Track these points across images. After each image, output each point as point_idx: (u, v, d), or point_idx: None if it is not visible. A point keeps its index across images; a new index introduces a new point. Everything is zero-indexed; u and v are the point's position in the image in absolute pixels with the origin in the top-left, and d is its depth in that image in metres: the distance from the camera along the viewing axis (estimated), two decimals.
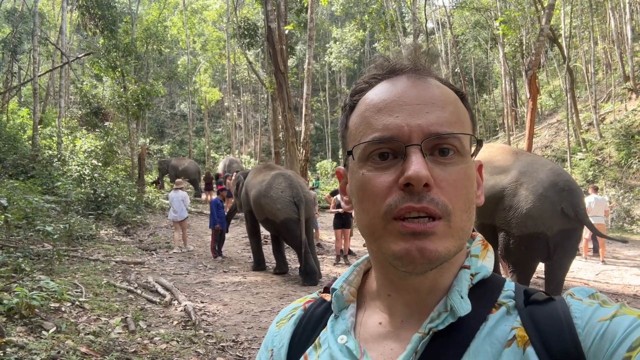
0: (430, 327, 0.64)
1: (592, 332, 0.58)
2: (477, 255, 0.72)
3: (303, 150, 12.58)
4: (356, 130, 0.70)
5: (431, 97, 0.66)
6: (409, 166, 0.61)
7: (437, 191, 0.62)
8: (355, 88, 0.74)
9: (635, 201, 18.09)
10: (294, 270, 9.35)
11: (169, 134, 42.60)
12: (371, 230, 0.66)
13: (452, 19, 31.90)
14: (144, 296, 6.61)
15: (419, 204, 0.61)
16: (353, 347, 0.69)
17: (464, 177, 0.65)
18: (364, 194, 0.66)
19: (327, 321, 0.76)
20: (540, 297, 0.66)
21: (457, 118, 0.67)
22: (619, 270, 9.77)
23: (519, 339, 0.61)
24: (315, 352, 0.73)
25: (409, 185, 0.61)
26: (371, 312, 0.74)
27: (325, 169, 30.91)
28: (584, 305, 0.62)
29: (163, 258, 9.78)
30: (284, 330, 0.81)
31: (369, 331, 0.72)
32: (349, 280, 0.78)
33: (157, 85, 21.54)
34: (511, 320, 0.64)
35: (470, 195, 0.67)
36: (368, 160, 0.66)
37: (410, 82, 0.68)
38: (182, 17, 33.86)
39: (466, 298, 0.65)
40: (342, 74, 42.81)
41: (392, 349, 0.68)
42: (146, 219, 13.78)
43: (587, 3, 26.30)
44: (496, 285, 0.70)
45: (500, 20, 17.57)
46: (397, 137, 0.64)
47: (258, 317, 6.35)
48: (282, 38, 12.81)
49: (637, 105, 22.71)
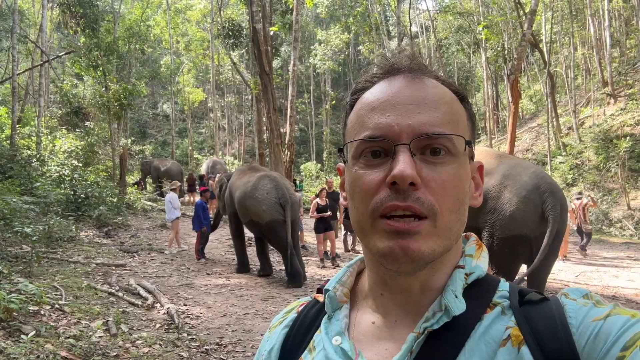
0: (425, 327, 0.64)
1: (586, 332, 0.59)
2: (471, 255, 0.72)
3: (288, 152, 12.54)
4: (352, 128, 0.71)
5: (424, 97, 0.67)
6: (395, 165, 0.62)
7: (424, 191, 0.63)
8: (356, 87, 0.75)
9: (613, 204, 18.47)
10: (278, 272, 9.30)
11: (151, 135, 42.08)
12: (360, 227, 0.67)
13: (435, 23, 32.21)
14: (126, 299, 6.50)
15: (404, 202, 0.62)
16: (348, 348, 0.68)
17: (453, 177, 0.65)
18: (355, 190, 0.67)
19: (320, 322, 0.76)
20: (535, 297, 0.66)
21: (451, 118, 0.67)
22: (598, 272, 9.94)
23: (513, 338, 0.62)
24: (310, 355, 0.73)
25: (395, 184, 0.62)
26: (364, 312, 0.74)
27: (310, 171, 30.87)
28: (578, 305, 0.63)
29: (145, 260, 9.64)
30: (274, 333, 0.81)
31: (362, 331, 0.72)
32: (342, 281, 0.77)
33: (140, 85, 21.31)
34: (506, 320, 0.64)
35: (460, 195, 0.66)
36: (360, 158, 0.67)
37: (406, 81, 0.69)
38: (165, 16, 33.50)
39: (461, 297, 0.66)
40: (326, 76, 42.84)
41: (386, 349, 0.68)
42: (127, 220, 13.60)
43: (567, 9, 26.80)
44: (491, 286, 0.70)
45: (483, 25, 17.80)
46: (387, 136, 0.65)
47: (242, 320, 6.29)
48: (268, 39, 12.77)
49: (615, 110, 23.21)
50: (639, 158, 19.60)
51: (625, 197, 18.05)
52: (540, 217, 6.06)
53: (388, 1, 27.04)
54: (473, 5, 30.93)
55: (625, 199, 18.01)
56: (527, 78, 33.47)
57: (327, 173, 30.77)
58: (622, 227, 16.98)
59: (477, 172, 0.74)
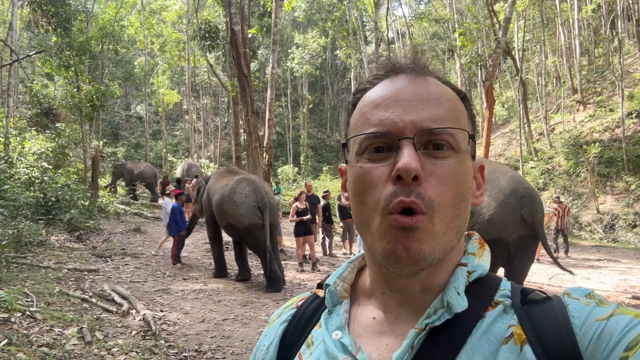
0: (426, 323, 0.64)
1: (590, 332, 0.59)
2: (474, 254, 0.72)
3: (266, 155, 12.45)
4: (355, 126, 0.71)
5: (427, 94, 0.68)
6: (399, 159, 0.63)
7: (425, 185, 0.63)
8: (358, 87, 0.76)
9: (583, 208, 18.98)
10: (256, 276, 9.21)
11: (123, 137, 41.27)
12: (365, 224, 0.67)
13: (411, 29, 32.60)
14: (100, 305, 6.33)
15: (409, 197, 0.62)
16: (348, 342, 0.68)
17: (454, 172, 0.65)
18: (360, 186, 0.67)
19: (319, 317, 0.76)
20: (538, 297, 0.66)
21: (453, 115, 0.68)
22: (571, 275, 10.15)
23: (516, 336, 0.62)
24: (308, 349, 0.73)
25: (401, 178, 0.62)
26: (365, 308, 0.74)
27: (287, 175, 30.76)
28: (581, 304, 0.63)
29: (119, 265, 9.41)
30: (273, 328, 0.81)
31: (363, 327, 0.72)
32: (342, 277, 0.77)
33: (113, 86, 20.89)
34: (508, 319, 0.64)
35: (461, 190, 0.66)
36: (364, 154, 0.67)
37: (409, 79, 0.70)
38: (140, 17, 32.96)
39: (463, 295, 0.65)
40: (304, 80, 42.86)
41: (387, 344, 0.67)
42: (100, 224, 13.28)
43: (538, 18, 27.49)
44: (492, 284, 0.70)
45: (459, 31, 18.10)
46: (390, 131, 0.65)
47: (221, 326, 6.19)
48: (246, 41, 12.67)
49: (585, 116, 23.90)
50: (607, 163, 20.21)
51: (594, 202, 18.58)
52: (519, 221, 6.16)
53: (365, 7, 27.24)
54: (448, 13, 31.44)
55: (594, 203, 18.53)
56: (499, 85, 34.18)
57: (304, 176, 30.72)
58: (592, 231, 17.47)
59: (478, 172, 0.74)
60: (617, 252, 13.52)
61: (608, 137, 21.74)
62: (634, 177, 19.08)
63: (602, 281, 9.43)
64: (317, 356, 0.71)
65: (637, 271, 10.39)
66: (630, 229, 16.82)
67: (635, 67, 22.77)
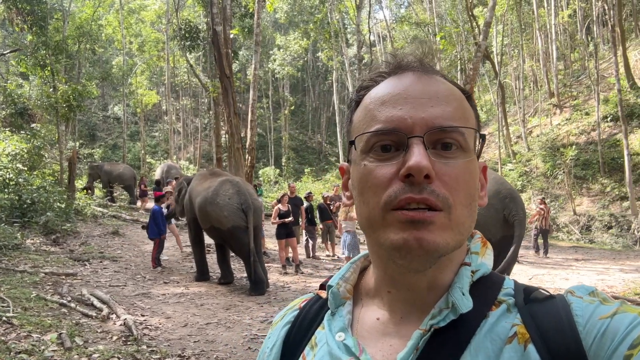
0: (431, 324, 0.64)
1: (593, 330, 0.58)
2: (477, 253, 0.72)
3: (249, 157, 12.34)
4: (360, 123, 0.70)
5: (436, 91, 0.67)
6: (410, 157, 0.62)
7: (438, 184, 0.62)
8: (362, 84, 0.75)
9: (560, 210, 19.34)
10: (239, 279, 9.10)
11: (101, 138, 40.52)
12: (370, 222, 0.66)
13: (392, 32, 32.84)
14: (79, 310, 6.17)
15: (419, 195, 0.61)
16: (351, 344, 0.68)
17: (465, 172, 0.65)
18: (365, 185, 0.66)
19: (322, 319, 0.76)
20: (541, 295, 0.66)
21: (462, 114, 0.67)
22: (550, 275, 10.34)
23: (519, 336, 0.61)
24: (312, 351, 0.72)
25: (410, 176, 0.61)
26: (368, 308, 0.73)
27: (268, 176, 30.61)
28: (584, 303, 0.62)
29: (97, 269, 9.20)
30: (276, 330, 0.81)
31: (366, 328, 0.71)
32: (345, 277, 0.77)
33: (90, 86, 20.49)
34: (512, 318, 0.64)
35: (472, 190, 0.66)
36: (370, 152, 0.66)
37: (416, 77, 0.69)
38: (118, 16, 32.43)
39: (467, 295, 0.65)
40: (285, 82, 42.73)
41: (391, 345, 0.67)
42: (77, 227, 12.97)
43: (517, 23, 27.99)
44: (496, 283, 0.70)
45: (440, 35, 18.29)
46: (399, 128, 0.64)
47: (204, 330, 6.09)
48: (228, 42, 12.55)
49: (561, 120, 24.40)
50: (583, 166, 20.65)
51: (571, 203, 18.95)
52: (501, 221, 6.23)
53: (347, 9, 27.34)
54: (428, 17, 31.77)
55: (571, 205, 18.90)
56: (478, 88, 34.68)
57: (286, 178, 30.61)
58: (569, 232, 17.81)
59: (481, 173, 0.73)
60: (594, 253, 13.82)
61: (584, 140, 22.23)
62: (610, 179, 19.53)
63: (581, 281, 9.59)
64: (320, 358, 0.70)
65: (613, 271, 10.62)
66: (606, 230, 17.19)
67: (610, 72, 23.31)
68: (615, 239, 16.29)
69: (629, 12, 27.57)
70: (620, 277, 9.84)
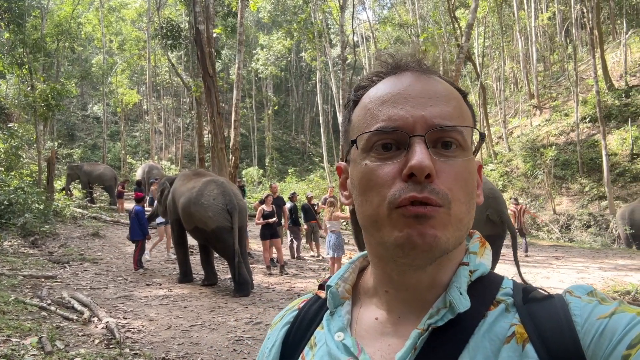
0: (429, 323, 0.64)
1: (591, 330, 0.59)
2: (475, 252, 0.72)
3: (232, 157, 12.24)
4: (360, 122, 0.70)
5: (435, 91, 0.68)
6: (412, 156, 0.62)
7: (438, 182, 0.63)
8: (359, 84, 0.75)
9: (540, 209, 19.65)
10: (223, 281, 9.02)
11: (80, 138, 39.81)
12: (373, 220, 0.66)
13: (376, 33, 33.00)
14: (59, 313, 6.04)
15: (421, 193, 0.62)
16: (350, 344, 0.68)
17: (464, 170, 0.66)
18: (367, 184, 0.67)
19: (321, 318, 0.76)
20: (539, 295, 0.66)
21: (460, 113, 0.68)
22: (531, 274, 10.46)
23: (518, 335, 0.62)
24: (311, 351, 0.73)
25: (413, 175, 0.62)
26: (367, 308, 0.74)
27: (252, 177, 30.45)
28: (582, 302, 0.62)
29: (77, 271, 9.04)
30: (275, 330, 0.81)
31: (365, 327, 0.72)
32: (344, 277, 0.77)
33: (69, 84, 20.17)
34: (510, 318, 0.64)
35: (470, 188, 0.67)
36: (371, 151, 0.67)
37: (415, 77, 0.69)
38: (98, 14, 31.92)
39: (465, 294, 0.65)
40: (268, 81, 42.57)
41: (389, 345, 0.68)
42: (56, 229, 12.75)
43: (497, 25, 28.36)
44: (494, 283, 0.70)
45: (424, 36, 18.44)
46: (401, 127, 0.65)
47: (188, 332, 6.01)
48: (211, 41, 12.43)
49: (541, 121, 24.81)
50: (563, 166, 21.03)
51: (551, 203, 19.28)
52: (484, 221, 6.28)
53: (330, 10, 27.36)
54: (411, 18, 31.99)
55: (551, 204, 19.23)
56: None
57: (270, 179, 30.50)
58: (549, 231, 18.10)
59: (477, 172, 0.74)
60: (574, 251, 14.05)
61: (563, 141, 22.64)
62: (588, 179, 19.92)
63: (561, 280, 9.74)
64: (320, 358, 0.71)
65: (593, 269, 10.81)
66: (585, 228, 17.53)
67: (588, 74, 23.80)
68: (594, 238, 16.62)
69: (607, 15, 28.18)
70: (600, 275, 10.01)
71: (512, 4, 29.10)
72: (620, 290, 7.74)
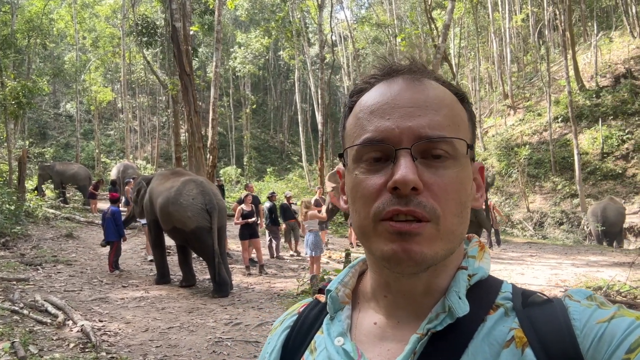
0: (428, 328, 0.64)
1: (591, 334, 0.59)
2: (474, 257, 0.72)
3: (210, 156, 12.12)
4: (351, 132, 0.71)
5: (425, 99, 0.66)
6: (397, 170, 0.62)
7: (426, 194, 0.62)
8: (355, 89, 0.75)
9: (514, 207, 20.04)
10: (202, 282, 8.93)
11: (52, 136, 38.88)
12: (362, 231, 0.67)
13: (354, 33, 33.11)
14: (32, 317, 5.90)
15: (406, 207, 0.62)
16: (350, 349, 0.68)
17: (455, 181, 0.65)
18: (356, 195, 0.67)
19: (321, 323, 0.76)
20: (539, 299, 0.66)
21: (452, 121, 0.67)
22: (507, 270, 10.65)
23: (517, 340, 0.62)
24: (311, 355, 0.73)
25: (397, 189, 0.62)
26: (367, 313, 0.74)
27: (230, 176, 30.21)
28: (582, 307, 0.63)
29: (51, 273, 8.82)
30: (275, 335, 0.81)
31: (364, 332, 0.71)
32: (344, 282, 0.77)
33: (41, 82, 19.68)
34: (509, 322, 0.64)
35: (463, 198, 0.66)
36: (361, 162, 0.67)
37: (406, 84, 0.68)
38: (70, 10, 31.18)
39: (464, 299, 0.65)
40: (246, 80, 42.27)
41: (389, 350, 0.67)
42: (28, 230, 12.41)
43: (473, 26, 28.78)
44: (493, 287, 0.70)
45: (402, 36, 18.59)
46: (387, 139, 0.64)
47: (166, 334, 5.93)
48: (188, 38, 12.28)
49: (515, 120, 25.28)
50: (536, 165, 21.49)
51: (525, 201, 19.68)
52: None
53: (308, 8, 27.34)
54: (388, 18, 32.21)
55: (525, 202, 19.62)
56: None
57: (248, 178, 30.31)
58: (523, 228, 18.47)
59: (478, 174, 0.74)
60: (547, 248, 14.38)
61: (537, 140, 23.13)
62: (560, 177, 20.40)
63: (536, 276, 9.94)
64: None
65: (566, 266, 11.07)
66: (558, 226, 17.95)
67: (560, 75, 24.35)
68: (567, 235, 17.03)
69: (578, 18, 28.89)
70: (572, 271, 10.26)
71: (487, 6, 29.60)
72: (593, 286, 7.94)
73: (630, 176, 19.24)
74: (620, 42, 25.70)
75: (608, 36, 27.05)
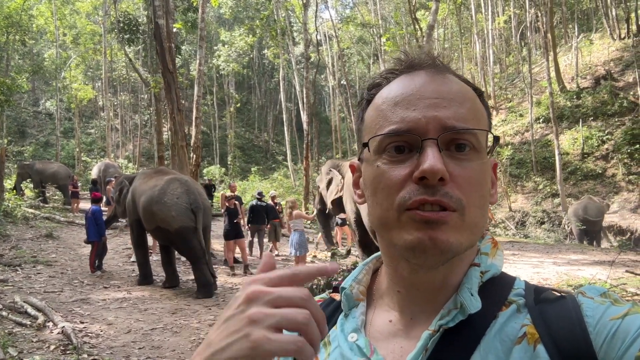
0: (440, 324, 0.64)
1: (604, 331, 0.58)
2: (487, 253, 0.72)
3: (194, 155, 12.00)
4: (372, 123, 0.70)
5: (449, 91, 0.67)
6: (424, 160, 0.62)
7: (452, 185, 0.63)
8: (373, 82, 0.75)
9: (497, 207, 20.26)
10: (185, 282, 8.84)
11: (31, 135, 38.12)
12: (383, 222, 0.67)
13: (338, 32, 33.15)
14: (12, 319, 5.79)
15: (433, 197, 0.62)
16: (363, 345, 0.69)
17: (479, 173, 0.66)
18: (378, 186, 0.67)
19: (336, 320, 0.76)
20: (551, 296, 0.66)
21: (474, 114, 0.68)
22: None
23: (529, 336, 0.62)
24: (325, 350, 0.73)
25: (424, 178, 0.62)
26: (381, 310, 0.74)
27: (213, 175, 29.98)
28: (595, 303, 0.62)
29: (30, 274, 8.65)
30: None
31: (378, 329, 0.72)
32: (358, 279, 0.77)
33: (20, 79, 19.31)
34: (521, 318, 0.64)
35: (485, 192, 0.67)
36: (384, 153, 0.67)
37: (429, 77, 0.68)
38: (50, 6, 30.62)
39: (476, 295, 0.66)
40: (230, 78, 41.96)
41: (402, 347, 0.68)
42: (6, 230, 12.14)
43: (456, 27, 29.05)
44: (506, 283, 0.70)
45: (387, 36, 18.66)
46: (413, 130, 0.64)
47: (149, 336, 5.85)
48: (171, 36, 12.12)
49: (498, 121, 25.57)
50: (518, 165, 21.77)
51: (507, 200, 19.91)
52: None
53: (293, 7, 27.28)
54: (373, 18, 32.31)
55: (507, 202, 19.86)
56: None
57: (232, 177, 30.12)
58: (506, 227, 18.68)
59: (492, 170, 0.74)
60: (529, 247, 14.56)
61: (519, 141, 23.44)
62: (542, 177, 20.70)
63: (518, 275, 10.04)
64: (334, 358, 0.71)
65: (547, 264, 11.22)
66: (539, 225, 18.20)
67: (542, 76, 24.70)
68: (548, 234, 17.28)
69: (559, 20, 29.36)
70: (554, 269, 10.41)
71: (470, 7, 29.88)
72: (574, 285, 8.05)
73: (610, 176, 19.62)
74: (601, 44, 26.20)
75: (589, 38, 27.54)
